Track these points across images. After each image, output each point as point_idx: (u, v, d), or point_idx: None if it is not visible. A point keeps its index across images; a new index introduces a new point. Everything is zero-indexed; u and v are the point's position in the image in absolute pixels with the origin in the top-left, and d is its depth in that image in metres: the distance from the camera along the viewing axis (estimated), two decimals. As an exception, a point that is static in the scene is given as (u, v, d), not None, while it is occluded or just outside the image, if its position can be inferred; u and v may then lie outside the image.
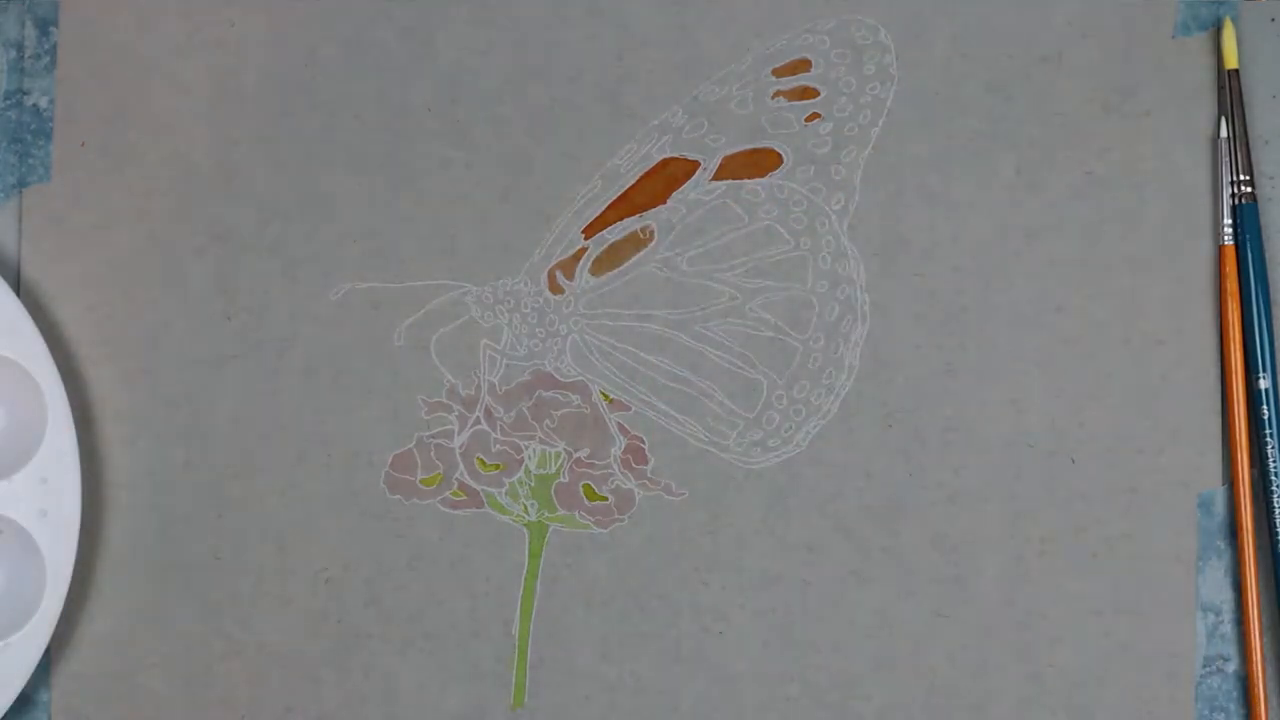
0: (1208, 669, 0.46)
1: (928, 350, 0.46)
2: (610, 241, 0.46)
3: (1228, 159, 0.46)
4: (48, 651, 0.45)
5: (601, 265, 0.46)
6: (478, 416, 0.46)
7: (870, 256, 0.46)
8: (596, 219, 0.46)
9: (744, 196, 0.46)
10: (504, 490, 0.46)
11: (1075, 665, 0.46)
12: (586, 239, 0.46)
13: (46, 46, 0.46)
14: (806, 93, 0.46)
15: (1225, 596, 0.46)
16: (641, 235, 0.46)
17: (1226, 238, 0.46)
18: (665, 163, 0.46)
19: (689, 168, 0.46)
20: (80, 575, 0.45)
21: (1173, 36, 0.46)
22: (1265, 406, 0.45)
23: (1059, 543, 0.46)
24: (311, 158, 0.46)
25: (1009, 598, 0.46)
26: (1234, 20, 0.46)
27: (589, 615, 0.46)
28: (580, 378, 0.46)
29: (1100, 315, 0.46)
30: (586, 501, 0.46)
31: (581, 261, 0.46)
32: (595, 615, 0.46)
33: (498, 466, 0.46)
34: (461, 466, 0.46)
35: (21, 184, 0.46)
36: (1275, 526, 0.45)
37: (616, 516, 0.46)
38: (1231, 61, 0.46)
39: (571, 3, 0.46)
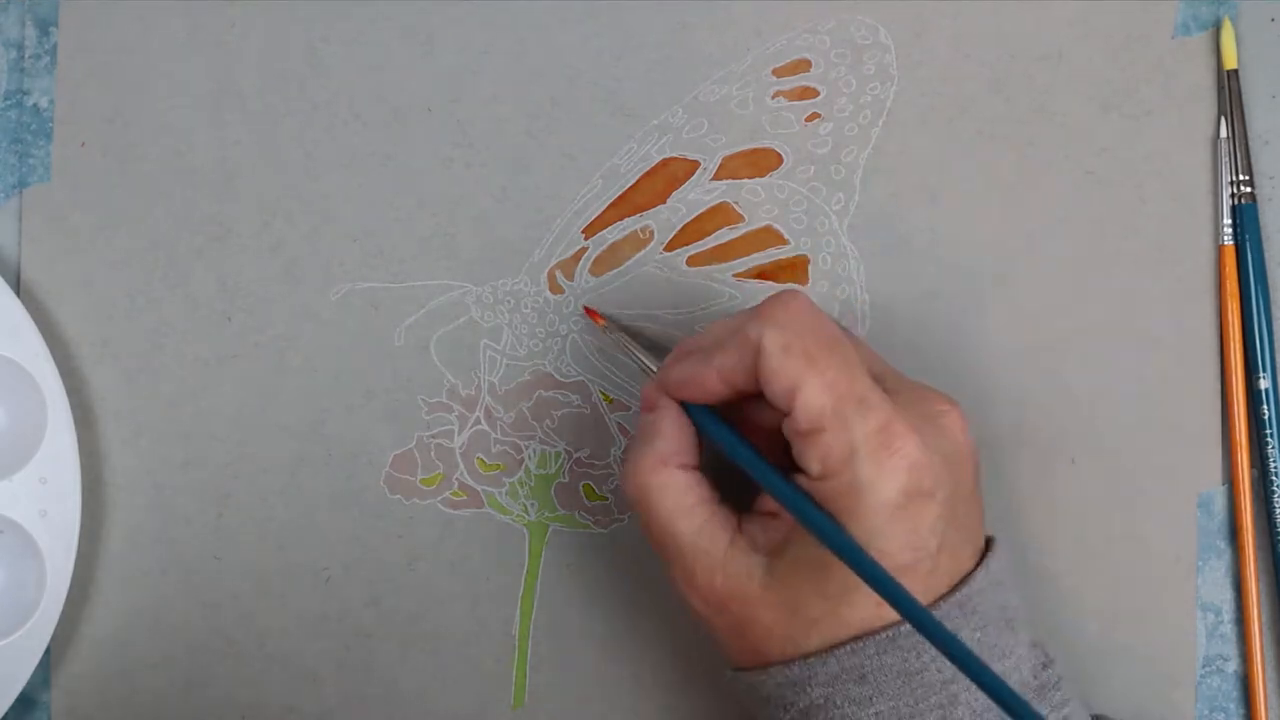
0: (1208, 669, 0.46)
1: (927, 350, 0.46)
2: (610, 241, 0.46)
3: (1228, 159, 0.46)
4: (48, 651, 0.45)
5: (601, 265, 0.46)
6: (478, 416, 0.46)
7: (870, 256, 0.46)
8: (596, 219, 0.46)
9: (744, 196, 0.46)
10: (504, 490, 0.46)
11: (1075, 665, 0.45)
12: (586, 239, 0.46)
13: (46, 46, 0.46)
14: (806, 93, 0.46)
15: (1225, 596, 0.46)
16: (641, 235, 0.46)
17: (1226, 238, 0.46)
18: (665, 163, 0.46)
19: (689, 168, 0.46)
20: (80, 575, 0.45)
21: (1173, 36, 0.46)
22: (1265, 406, 0.45)
23: (1059, 543, 0.46)
24: (311, 158, 0.46)
25: (1009, 598, 0.46)
26: (1234, 20, 0.46)
27: (589, 615, 0.46)
28: (580, 378, 0.46)
29: (1100, 315, 0.46)
30: (586, 501, 0.46)
31: (581, 261, 0.46)
32: (595, 615, 0.46)
33: (498, 466, 0.46)
34: (461, 466, 0.46)
35: (21, 184, 0.46)
36: (1275, 526, 0.45)
37: (616, 516, 0.46)
38: (1231, 62, 0.46)
39: (571, 3, 0.46)
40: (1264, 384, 0.46)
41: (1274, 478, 0.45)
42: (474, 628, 0.46)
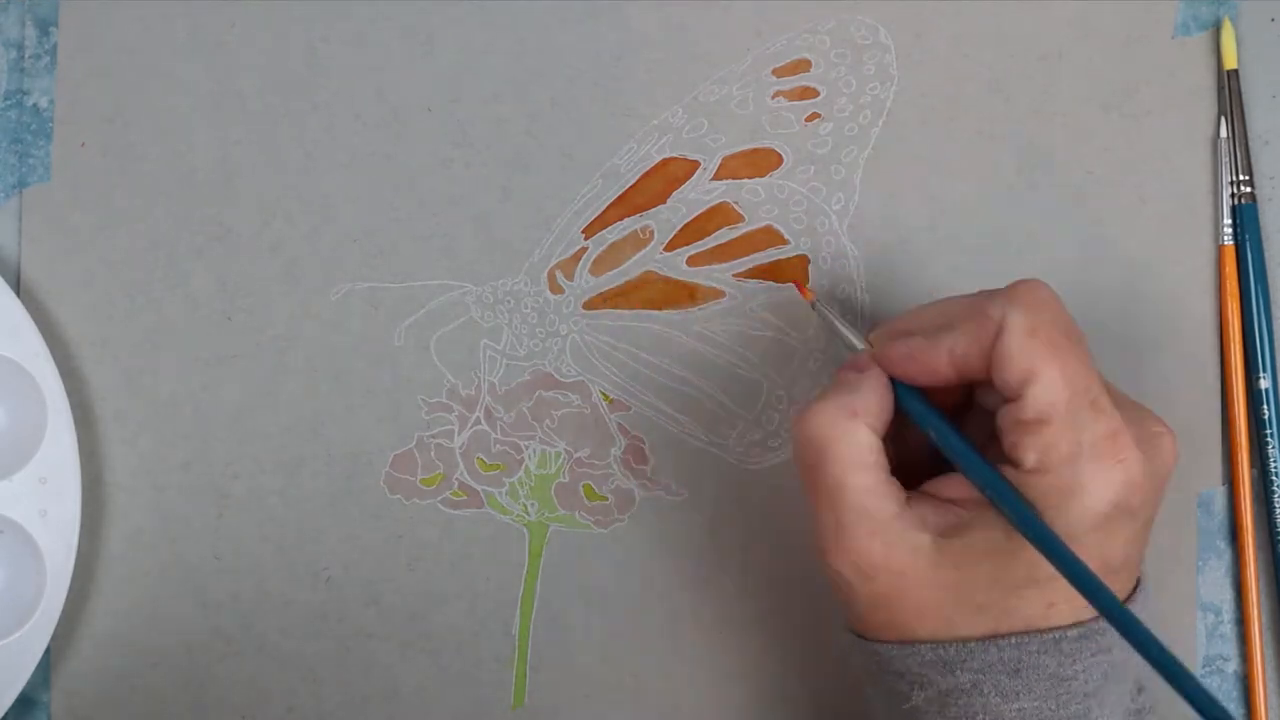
0: (1208, 669, 0.46)
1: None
2: (610, 241, 0.46)
3: (1228, 159, 0.46)
4: (48, 651, 0.45)
5: (601, 265, 0.46)
6: (478, 416, 0.46)
7: (870, 256, 0.46)
8: (596, 219, 0.46)
9: (744, 196, 0.46)
10: (504, 490, 0.46)
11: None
12: (586, 239, 0.46)
13: (46, 46, 0.46)
14: (806, 93, 0.46)
15: (1225, 596, 0.46)
16: (641, 235, 0.46)
17: (1226, 238, 0.46)
18: (665, 163, 0.46)
19: (689, 168, 0.46)
20: (80, 575, 0.45)
21: (1173, 36, 0.46)
22: (1265, 406, 0.45)
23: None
24: (311, 158, 0.46)
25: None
26: (1234, 20, 0.46)
27: (589, 615, 0.46)
28: (580, 378, 0.46)
29: (1100, 315, 0.46)
30: (586, 501, 0.46)
31: (581, 261, 0.46)
32: (595, 615, 0.46)
33: (498, 466, 0.46)
34: (462, 466, 0.46)
35: (21, 184, 0.46)
36: (1275, 526, 0.45)
37: (616, 516, 0.46)
38: (1231, 62, 0.46)
39: (571, 3, 0.46)
40: (1264, 384, 0.46)
41: (1274, 478, 0.45)
42: (474, 628, 0.46)
